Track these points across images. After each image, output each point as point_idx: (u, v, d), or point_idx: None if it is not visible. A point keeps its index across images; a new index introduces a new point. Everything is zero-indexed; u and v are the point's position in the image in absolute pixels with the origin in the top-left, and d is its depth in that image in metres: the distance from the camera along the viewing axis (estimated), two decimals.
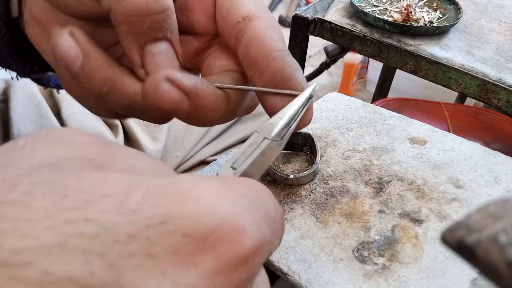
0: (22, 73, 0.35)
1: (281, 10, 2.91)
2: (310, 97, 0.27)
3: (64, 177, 0.15)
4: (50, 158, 0.16)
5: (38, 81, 0.37)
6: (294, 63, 0.27)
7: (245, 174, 0.24)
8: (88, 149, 0.17)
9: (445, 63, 0.69)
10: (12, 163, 0.16)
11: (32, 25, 0.28)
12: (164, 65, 0.26)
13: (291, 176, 0.41)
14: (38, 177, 0.15)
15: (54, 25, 0.26)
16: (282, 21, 2.76)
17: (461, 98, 1.33)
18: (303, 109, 0.27)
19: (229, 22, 0.28)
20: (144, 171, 0.18)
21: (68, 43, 0.24)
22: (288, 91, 0.27)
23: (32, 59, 0.34)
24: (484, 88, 0.66)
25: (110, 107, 0.29)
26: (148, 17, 0.25)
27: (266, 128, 0.26)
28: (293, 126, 0.27)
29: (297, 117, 0.27)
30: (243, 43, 0.28)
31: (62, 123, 0.60)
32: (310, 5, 0.81)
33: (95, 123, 0.63)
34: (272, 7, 2.88)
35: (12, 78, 0.37)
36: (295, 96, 0.27)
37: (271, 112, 0.28)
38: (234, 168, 0.24)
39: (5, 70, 0.36)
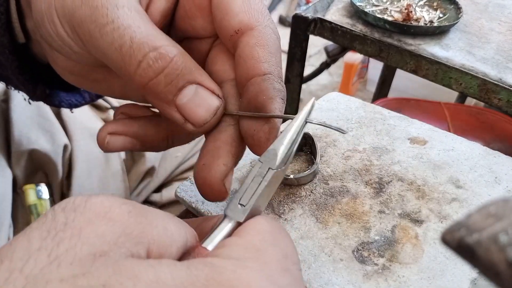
0: (34, 97, 0.35)
1: (281, 9, 2.91)
2: (308, 115, 0.27)
3: (120, 279, 0.16)
4: (98, 242, 0.17)
5: (50, 103, 0.37)
6: (272, 90, 0.27)
7: (253, 209, 0.24)
8: (128, 222, 0.18)
9: (445, 63, 0.69)
10: (59, 248, 0.16)
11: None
12: (199, 108, 0.27)
13: (291, 176, 0.40)
14: (95, 280, 0.16)
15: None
16: (282, 21, 2.76)
17: (462, 98, 1.33)
18: (302, 129, 0.27)
19: (223, 35, 0.28)
20: (174, 232, 0.20)
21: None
22: (285, 116, 0.27)
23: (42, 81, 0.35)
24: (485, 88, 0.66)
25: None
26: (159, 77, 0.25)
27: (269, 157, 0.25)
28: (295, 149, 0.26)
29: (297, 139, 0.27)
30: (235, 58, 0.28)
31: (62, 123, 0.60)
32: (310, 4, 0.81)
33: (95, 123, 0.63)
34: (272, 7, 2.88)
35: (25, 99, 0.37)
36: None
37: (248, 137, 0.28)
38: (242, 205, 0.24)
39: (14, 89, 0.36)
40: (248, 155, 0.45)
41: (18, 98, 0.56)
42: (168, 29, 0.31)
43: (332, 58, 1.15)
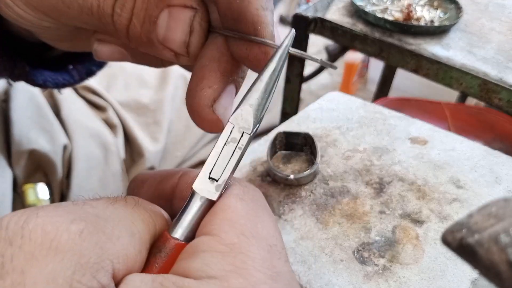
0: (13, 76, 0.32)
1: (282, 9, 2.91)
2: (286, 54, 0.21)
3: None
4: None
5: (33, 82, 0.34)
6: (260, 10, 0.22)
7: (226, 183, 0.21)
8: (81, 248, 0.15)
9: (446, 63, 0.68)
10: None
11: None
12: (175, 30, 0.22)
13: (291, 176, 0.40)
14: None
15: None
16: (282, 20, 2.76)
17: (462, 98, 1.33)
18: (279, 74, 0.21)
19: None
20: (141, 232, 0.18)
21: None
22: (265, 41, 0.22)
23: (24, 60, 0.32)
24: (485, 88, 0.66)
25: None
26: (132, 20, 0.22)
27: (243, 118, 0.20)
28: (269, 101, 0.21)
29: (273, 88, 0.21)
30: None
31: (62, 123, 0.60)
32: (310, 4, 0.81)
33: (94, 123, 0.63)
34: None
35: (10, 84, 0.34)
36: (270, 46, 0.21)
37: (243, 59, 0.23)
38: (213, 179, 0.20)
39: None
40: (248, 155, 0.45)
41: (19, 98, 0.56)
42: None
43: (332, 57, 1.15)
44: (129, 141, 0.65)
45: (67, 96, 0.60)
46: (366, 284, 0.32)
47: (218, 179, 0.20)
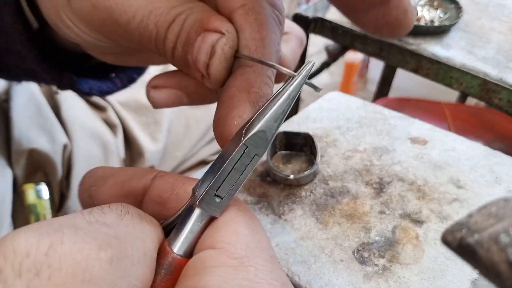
0: (61, 85, 0.33)
1: None
2: (302, 83, 0.21)
3: None
4: None
5: (80, 91, 0.35)
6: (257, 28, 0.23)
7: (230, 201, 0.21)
8: (113, 276, 0.14)
9: (446, 63, 0.68)
10: None
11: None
12: (201, 51, 0.23)
13: (291, 176, 0.40)
14: None
15: None
16: None
17: (462, 98, 1.33)
18: (291, 105, 0.21)
19: None
20: (151, 248, 0.18)
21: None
22: (285, 69, 0.22)
23: (69, 69, 0.33)
24: (485, 88, 0.66)
25: None
26: (177, 42, 0.23)
27: (257, 141, 0.20)
28: (279, 128, 0.21)
29: (284, 117, 0.21)
30: None
31: (62, 122, 0.60)
32: (310, 4, 0.81)
33: (94, 122, 0.63)
34: None
35: (56, 92, 0.35)
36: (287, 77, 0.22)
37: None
38: (219, 197, 0.20)
39: (40, 85, 0.34)
40: None
41: (19, 98, 0.56)
42: None
43: (332, 57, 1.15)
44: (129, 141, 0.65)
45: (67, 96, 0.60)
46: (366, 284, 0.32)
47: (224, 197, 0.20)
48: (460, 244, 0.16)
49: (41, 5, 0.27)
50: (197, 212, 0.20)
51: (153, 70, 0.40)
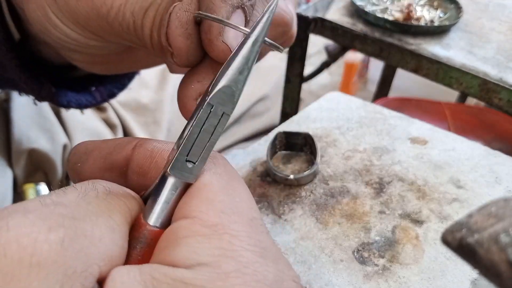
0: (39, 96, 0.33)
1: None
2: (266, 31, 0.19)
3: None
4: None
5: (58, 103, 0.34)
6: None
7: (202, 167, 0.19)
8: (65, 258, 0.14)
9: (446, 63, 0.68)
10: None
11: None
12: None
13: (291, 176, 0.40)
14: None
15: None
16: None
17: (462, 98, 1.33)
18: (257, 52, 0.19)
19: None
20: (119, 225, 0.17)
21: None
22: (239, 26, 0.21)
23: (48, 81, 0.33)
24: (485, 88, 0.66)
25: None
26: (154, 21, 0.23)
27: (224, 98, 0.19)
28: (246, 81, 0.20)
29: (250, 68, 0.19)
30: None
31: (62, 123, 0.60)
32: (310, 4, 0.81)
33: (95, 123, 0.63)
34: None
35: (35, 103, 0.35)
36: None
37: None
38: (191, 161, 0.19)
39: (20, 94, 0.34)
40: (248, 155, 0.45)
41: (19, 98, 0.56)
42: None
43: (332, 57, 1.15)
44: None
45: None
46: (366, 284, 0.32)
47: (196, 161, 0.19)
48: (460, 244, 0.16)
49: (27, 9, 0.27)
50: (170, 180, 0.19)
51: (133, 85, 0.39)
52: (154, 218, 0.19)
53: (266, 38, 0.20)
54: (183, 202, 0.19)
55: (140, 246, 0.18)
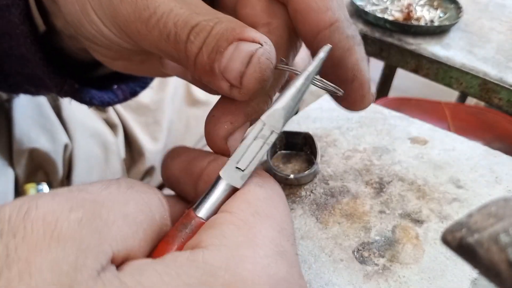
0: (61, 92, 0.33)
1: None
2: (318, 69, 0.23)
3: None
4: (55, 275, 0.14)
5: (80, 99, 0.35)
6: (346, 40, 0.23)
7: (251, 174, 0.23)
8: (81, 234, 0.16)
9: (446, 62, 0.69)
10: None
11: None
12: (235, 60, 0.23)
13: (291, 176, 0.40)
14: None
15: None
16: None
17: (462, 98, 1.33)
18: (308, 85, 0.23)
19: None
20: (136, 215, 0.19)
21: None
22: (294, 69, 0.24)
23: (71, 75, 0.33)
24: (485, 88, 0.66)
25: None
26: (202, 49, 0.23)
27: (274, 118, 0.22)
28: (297, 107, 0.24)
29: (302, 97, 0.23)
30: (290, 12, 0.25)
31: (63, 123, 0.60)
32: None
33: (95, 122, 0.63)
34: None
35: (55, 100, 0.35)
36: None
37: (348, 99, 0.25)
38: (240, 169, 0.22)
39: (36, 94, 0.34)
40: None
41: (21, 98, 0.56)
42: None
43: None
44: (130, 140, 0.66)
45: (60, 100, 0.60)
46: (366, 284, 0.33)
47: (245, 169, 0.22)
48: (460, 244, 0.16)
49: (64, 1, 0.27)
50: (221, 183, 0.22)
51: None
52: (202, 211, 0.22)
53: (319, 78, 0.24)
54: (228, 201, 0.22)
55: (186, 232, 0.22)
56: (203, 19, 0.23)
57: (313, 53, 0.25)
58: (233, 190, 0.22)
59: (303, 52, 0.36)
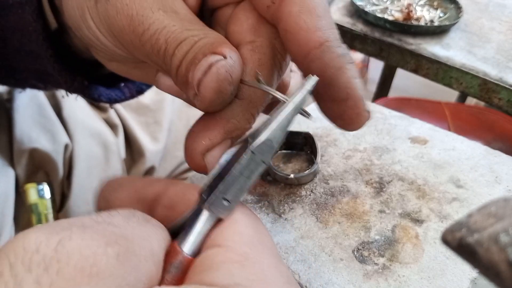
0: (71, 89, 0.34)
1: None
2: (304, 98, 0.23)
3: None
4: None
5: (89, 96, 0.35)
6: (337, 59, 0.24)
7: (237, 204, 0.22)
8: (119, 272, 0.15)
9: (446, 62, 0.69)
10: None
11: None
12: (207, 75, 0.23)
13: (292, 176, 0.40)
14: None
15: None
16: None
17: (462, 98, 1.33)
18: (296, 113, 0.23)
19: (259, 7, 0.25)
20: (156, 249, 0.19)
21: None
22: (278, 95, 0.24)
23: (80, 72, 0.33)
24: (485, 88, 0.66)
25: None
26: (183, 61, 0.24)
27: (264, 149, 0.22)
28: (283, 138, 0.23)
29: (289, 126, 0.23)
30: (280, 32, 0.25)
31: (63, 123, 0.60)
32: None
33: (96, 122, 0.63)
34: None
35: (63, 96, 0.36)
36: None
37: (336, 119, 0.26)
38: (227, 200, 0.22)
39: (43, 89, 0.34)
40: None
41: (22, 98, 0.56)
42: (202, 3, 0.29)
43: None
44: (130, 140, 0.66)
45: (68, 96, 0.60)
46: (365, 283, 0.33)
47: (231, 200, 0.22)
48: (460, 243, 0.17)
49: (66, 4, 0.27)
50: (205, 214, 0.22)
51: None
52: (188, 246, 0.21)
53: (301, 108, 0.23)
54: (215, 234, 0.21)
55: (174, 271, 0.20)
56: (191, 35, 0.23)
57: (305, 74, 0.25)
58: (217, 220, 0.22)
59: (297, 76, 0.36)
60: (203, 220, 0.22)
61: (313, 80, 0.23)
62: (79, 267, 0.14)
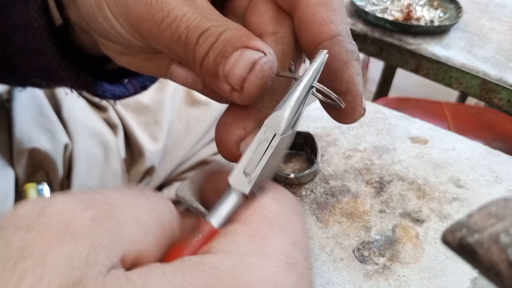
0: (75, 85, 0.34)
1: None
2: (317, 73, 0.24)
3: None
4: (67, 269, 0.15)
5: (94, 92, 0.35)
6: (345, 53, 0.24)
7: (259, 179, 0.23)
8: (93, 232, 0.16)
9: (446, 62, 0.69)
10: (22, 285, 0.14)
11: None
12: (237, 66, 0.24)
13: (292, 175, 0.40)
14: None
15: None
16: None
17: (462, 98, 1.33)
18: (310, 88, 0.24)
19: None
20: (145, 220, 0.19)
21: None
22: (295, 75, 0.25)
23: (85, 69, 0.33)
24: (485, 88, 0.66)
25: None
26: (209, 53, 0.24)
27: (275, 121, 0.23)
28: (302, 111, 0.24)
29: (304, 100, 0.24)
30: (295, 22, 0.25)
31: (63, 122, 0.60)
32: None
33: (95, 122, 0.63)
34: None
35: (66, 93, 0.36)
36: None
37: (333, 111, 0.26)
38: (247, 174, 0.23)
39: (47, 87, 0.34)
40: None
41: (21, 98, 0.56)
42: None
43: None
44: (130, 140, 0.65)
45: (68, 96, 0.60)
46: (366, 283, 0.33)
47: (251, 174, 0.23)
48: (460, 243, 0.17)
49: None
50: (232, 191, 0.23)
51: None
52: (214, 219, 0.23)
53: (321, 86, 0.24)
54: (240, 212, 0.22)
55: (197, 239, 0.22)
56: (213, 25, 0.24)
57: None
58: (243, 197, 0.23)
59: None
60: (229, 196, 0.23)
61: (324, 54, 0.24)
62: (55, 228, 0.16)
